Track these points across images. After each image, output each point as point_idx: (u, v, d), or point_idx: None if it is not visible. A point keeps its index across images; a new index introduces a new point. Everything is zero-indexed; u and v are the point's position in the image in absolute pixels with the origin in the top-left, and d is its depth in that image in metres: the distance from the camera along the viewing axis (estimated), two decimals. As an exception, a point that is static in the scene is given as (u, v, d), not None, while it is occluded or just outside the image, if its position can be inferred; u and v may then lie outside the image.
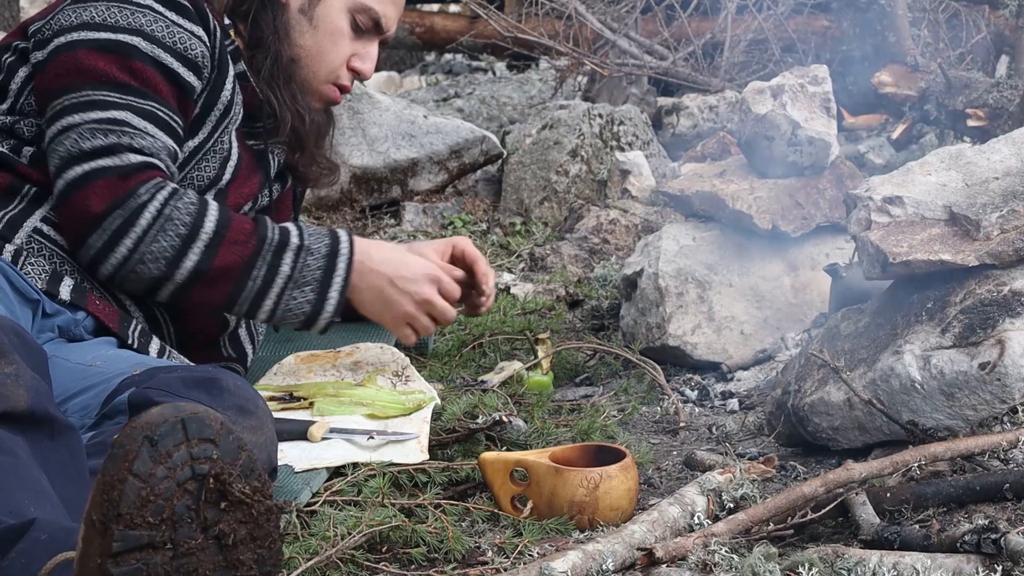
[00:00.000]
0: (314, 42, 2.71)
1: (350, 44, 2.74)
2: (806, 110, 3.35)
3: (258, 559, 1.53)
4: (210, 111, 2.60)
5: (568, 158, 5.00)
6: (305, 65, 2.71)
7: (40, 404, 1.87)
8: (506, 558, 2.15)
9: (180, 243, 2.43)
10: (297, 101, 2.70)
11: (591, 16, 6.51)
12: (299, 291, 2.52)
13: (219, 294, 2.50)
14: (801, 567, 1.98)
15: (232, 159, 2.66)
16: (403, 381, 2.86)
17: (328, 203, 5.04)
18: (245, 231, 2.49)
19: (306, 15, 2.70)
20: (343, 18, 2.72)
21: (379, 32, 2.76)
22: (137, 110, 2.46)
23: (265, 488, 1.54)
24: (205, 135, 2.60)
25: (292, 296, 2.52)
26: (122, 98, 2.45)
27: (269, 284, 2.50)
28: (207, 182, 2.63)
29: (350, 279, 2.58)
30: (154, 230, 2.41)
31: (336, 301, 2.56)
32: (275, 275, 2.50)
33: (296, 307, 2.54)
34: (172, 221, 2.42)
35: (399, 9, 2.81)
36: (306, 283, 2.52)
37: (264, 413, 2.27)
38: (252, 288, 2.49)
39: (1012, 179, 2.58)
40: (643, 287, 3.41)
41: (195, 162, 2.60)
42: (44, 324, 2.41)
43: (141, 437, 1.46)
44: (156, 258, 2.42)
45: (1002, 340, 2.37)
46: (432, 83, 8.08)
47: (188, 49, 2.51)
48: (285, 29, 2.68)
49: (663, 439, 2.88)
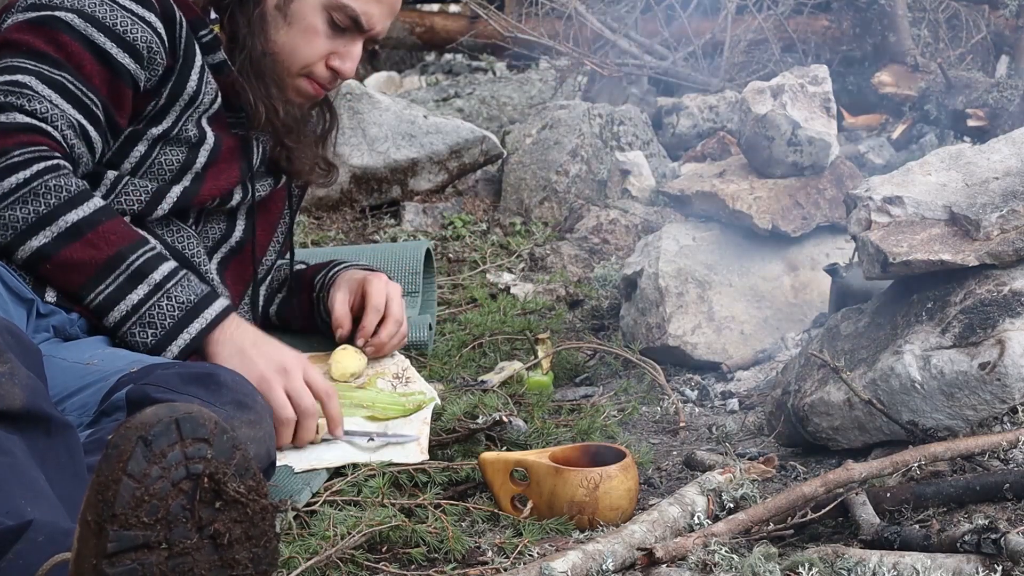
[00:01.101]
0: (288, 39, 2.68)
1: (326, 42, 2.70)
2: (806, 110, 3.35)
3: (254, 558, 1.52)
4: (175, 100, 2.58)
5: (568, 158, 5.00)
6: (279, 60, 2.69)
7: (36, 403, 1.86)
8: (506, 558, 2.15)
9: (34, 221, 2.35)
10: (272, 95, 2.67)
11: (591, 16, 6.50)
12: (140, 329, 2.42)
13: (69, 282, 2.40)
14: (801, 567, 1.98)
15: (207, 143, 2.63)
16: (403, 382, 2.85)
17: (328, 203, 5.03)
18: (109, 240, 2.40)
19: (281, 11, 2.67)
20: (318, 15, 2.68)
21: (360, 31, 2.71)
22: (45, 78, 2.42)
23: (260, 487, 1.54)
24: (170, 123, 2.59)
25: (132, 331, 2.41)
26: (34, 65, 2.42)
27: (115, 303, 2.41)
28: (178, 166, 2.60)
29: (203, 340, 2.44)
30: (14, 197, 2.34)
31: (177, 353, 2.43)
32: (121, 299, 2.41)
33: (135, 342, 2.42)
34: (37, 196, 2.35)
35: (387, 8, 2.74)
36: (151, 325, 2.42)
37: (262, 408, 2.26)
38: (99, 295, 2.40)
39: (1012, 179, 2.58)
40: (643, 287, 3.41)
41: (160, 147, 2.58)
42: (39, 324, 2.40)
43: (135, 437, 1.46)
44: (4, 225, 2.35)
45: (1002, 340, 2.37)
46: (432, 83, 8.08)
47: (128, 33, 2.48)
48: (261, 24, 2.66)
49: (663, 439, 2.88)
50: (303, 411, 2.47)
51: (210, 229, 2.73)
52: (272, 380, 2.44)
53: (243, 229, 2.79)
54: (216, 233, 2.74)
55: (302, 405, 2.46)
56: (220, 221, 2.74)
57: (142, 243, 2.44)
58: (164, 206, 2.58)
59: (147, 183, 2.57)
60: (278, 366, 2.45)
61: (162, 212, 2.58)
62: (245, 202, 2.77)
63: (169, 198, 2.59)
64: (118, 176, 2.55)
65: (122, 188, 2.55)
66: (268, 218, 2.88)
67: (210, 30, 2.64)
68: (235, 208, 2.76)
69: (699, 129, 5.66)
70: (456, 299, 4.03)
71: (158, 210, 2.58)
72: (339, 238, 4.79)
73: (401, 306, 2.94)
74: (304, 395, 2.47)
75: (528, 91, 7.16)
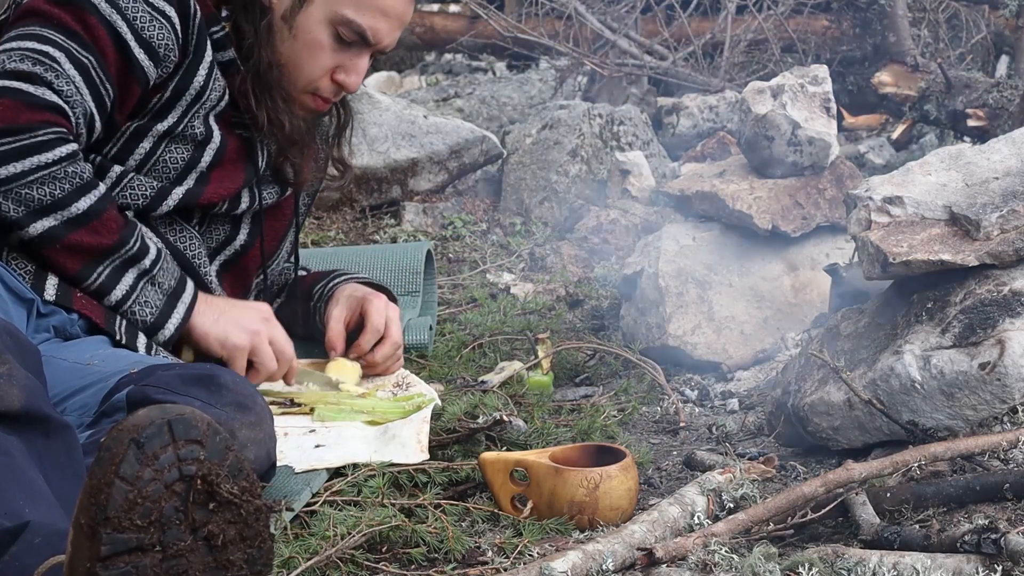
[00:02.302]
0: (292, 52, 2.63)
1: (332, 56, 2.65)
2: (806, 110, 3.35)
3: (248, 559, 1.52)
4: (181, 96, 2.56)
5: (568, 158, 4.99)
6: (284, 73, 2.64)
7: (34, 403, 1.86)
8: (506, 558, 2.15)
9: (50, 203, 2.37)
10: (278, 108, 2.64)
11: (591, 16, 6.50)
12: (139, 307, 2.50)
13: (67, 266, 2.44)
14: (801, 567, 1.97)
15: (213, 142, 2.62)
16: (404, 389, 2.86)
17: (328, 203, 5.03)
18: (111, 227, 2.44)
19: (287, 23, 2.62)
20: (323, 30, 2.62)
21: (367, 45, 2.66)
22: (73, 58, 2.41)
23: (254, 488, 1.53)
24: (176, 118, 2.57)
25: (132, 310, 2.49)
26: (64, 41, 2.41)
27: (111, 287, 2.47)
28: (182, 164, 2.59)
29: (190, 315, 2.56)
30: (35, 176, 2.35)
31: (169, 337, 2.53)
32: (115, 284, 2.47)
33: (134, 317, 2.51)
34: (56, 180, 2.37)
35: (395, 21, 2.67)
36: (146, 304, 2.51)
37: (262, 409, 2.26)
38: (97, 279, 2.45)
39: (1012, 179, 2.58)
40: (643, 287, 3.41)
41: (165, 144, 2.57)
42: (39, 324, 2.40)
43: (127, 440, 1.45)
44: (21, 201, 2.36)
45: (1002, 340, 2.37)
46: (432, 83, 8.07)
47: (146, 30, 2.47)
48: (267, 35, 2.62)
49: (663, 439, 2.87)
50: (287, 359, 2.67)
51: (214, 231, 2.72)
52: (262, 332, 2.61)
53: (247, 235, 2.77)
54: (220, 236, 2.73)
55: (287, 353, 2.66)
56: (224, 224, 2.73)
57: (133, 227, 2.49)
58: (168, 204, 2.58)
59: (152, 180, 2.57)
60: (261, 316, 2.64)
61: (166, 209, 2.58)
62: (252, 208, 2.75)
63: (172, 197, 2.58)
64: (123, 171, 2.54)
65: (127, 183, 2.54)
66: (276, 226, 2.86)
67: (223, 27, 2.61)
68: (241, 214, 2.75)
69: (699, 129, 5.66)
70: (456, 299, 4.03)
71: (162, 207, 2.57)
72: (339, 238, 4.79)
73: (399, 328, 2.97)
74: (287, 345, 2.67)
75: (528, 91, 7.15)
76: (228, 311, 2.61)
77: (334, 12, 2.62)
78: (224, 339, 2.58)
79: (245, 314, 2.63)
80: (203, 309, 2.57)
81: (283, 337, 2.67)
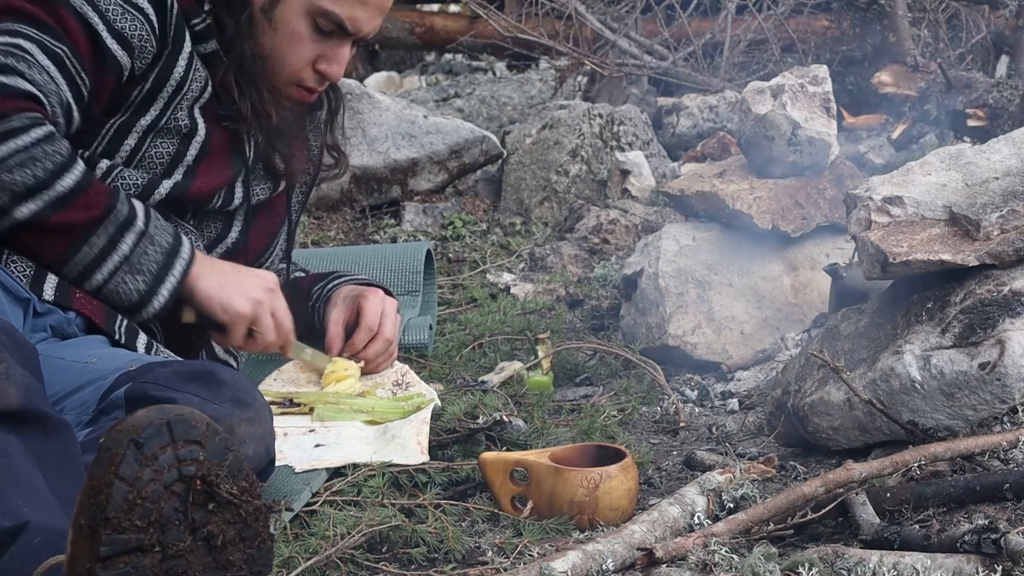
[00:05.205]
0: (273, 44, 2.64)
1: (312, 46, 2.65)
2: (806, 110, 3.35)
3: (248, 559, 1.52)
4: (162, 87, 2.56)
5: (568, 158, 4.99)
6: (268, 65, 2.66)
7: (32, 402, 1.86)
8: (506, 558, 2.15)
9: (33, 184, 2.33)
10: (264, 99, 2.65)
11: (591, 16, 6.50)
12: (131, 276, 2.43)
13: (52, 250, 2.40)
14: (801, 567, 1.97)
15: (198, 135, 2.62)
16: (403, 388, 2.86)
17: (328, 203, 5.03)
18: (98, 199, 2.40)
19: (267, 15, 2.63)
20: (302, 21, 2.63)
21: (346, 34, 2.66)
22: (47, 49, 2.41)
23: (253, 488, 1.53)
24: (157, 112, 2.57)
25: (123, 279, 2.43)
26: (37, 34, 2.41)
27: (104, 258, 2.41)
28: (168, 158, 2.59)
29: (186, 279, 2.49)
30: (13, 161, 2.32)
31: (165, 300, 2.47)
32: (112, 251, 2.42)
33: (124, 291, 2.44)
34: (35, 161, 2.34)
35: (374, 9, 2.68)
36: (140, 271, 2.44)
37: (261, 405, 2.25)
38: (87, 255, 2.39)
39: (1012, 179, 2.58)
40: (643, 287, 3.41)
41: (151, 139, 2.57)
42: (36, 324, 2.39)
43: (127, 440, 1.45)
44: (4, 187, 2.32)
45: (1002, 340, 2.36)
46: (432, 83, 8.08)
47: (118, 21, 2.47)
48: (249, 26, 2.64)
49: (663, 439, 2.87)
50: (285, 332, 2.62)
51: (206, 228, 2.72)
52: (265, 302, 2.56)
53: (239, 232, 2.77)
54: (212, 233, 2.73)
55: (286, 326, 2.62)
56: (217, 221, 2.73)
57: (117, 191, 2.45)
58: (158, 195, 2.58)
59: (141, 173, 2.57)
60: (267, 286, 2.59)
61: (157, 199, 2.58)
62: (244, 204, 2.75)
63: (161, 190, 2.58)
64: (111, 165, 2.54)
65: (116, 176, 2.54)
66: (268, 223, 2.86)
67: (203, 19, 2.62)
68: (234, 210, 2.75)
69: (699, 129, 5.66)
70: (456, 299, 4.03)
71: (152, 198, 2.57)
72: (339, 238, 4.79)
73: (394, 324, 2.96)
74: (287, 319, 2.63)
75: (528, 91, 7.16)
76: (234, 277, 2.57)
77: (311, 3, 2.62)
78: (228, 304, 2.53)
79: (250, 281, 2.59)
80: (207, 270, 2.52)
81: (285, 310, 2.63)
